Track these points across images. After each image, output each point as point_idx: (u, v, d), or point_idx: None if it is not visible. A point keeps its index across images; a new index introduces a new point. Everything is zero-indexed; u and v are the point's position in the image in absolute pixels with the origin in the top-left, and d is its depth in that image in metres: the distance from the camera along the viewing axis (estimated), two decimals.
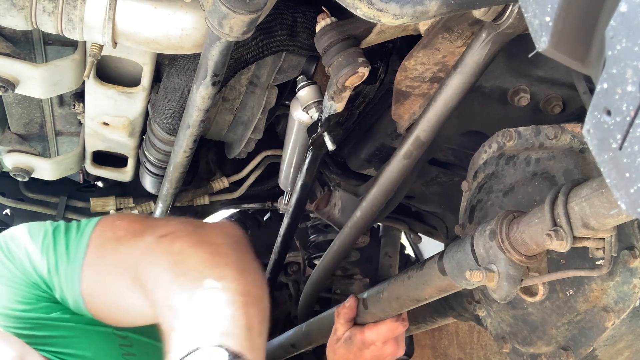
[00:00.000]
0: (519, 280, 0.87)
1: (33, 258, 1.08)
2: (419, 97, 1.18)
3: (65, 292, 1.07)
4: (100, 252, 1.08)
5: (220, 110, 1.55)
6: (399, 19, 0.79)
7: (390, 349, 1.36)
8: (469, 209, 1.16)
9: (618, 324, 0.87)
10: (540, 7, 0.43)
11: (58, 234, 1.11)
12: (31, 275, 1.08)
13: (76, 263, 1.07)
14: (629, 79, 0.37)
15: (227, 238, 1.08)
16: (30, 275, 1.08)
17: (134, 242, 1.06)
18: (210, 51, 1.06)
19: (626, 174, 0.38)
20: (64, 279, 1.07)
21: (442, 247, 1.60)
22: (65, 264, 1.07)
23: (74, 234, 1.11)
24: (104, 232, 1.11)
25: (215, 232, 1.08)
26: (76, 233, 1.11)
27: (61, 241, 1.10)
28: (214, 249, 1.00)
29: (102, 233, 1.11)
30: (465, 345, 2.47)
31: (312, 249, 2.19)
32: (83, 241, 1.09)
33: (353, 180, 1.63)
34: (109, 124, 1.50)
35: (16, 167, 1.66)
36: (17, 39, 1.26)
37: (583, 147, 0.94)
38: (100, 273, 1.07)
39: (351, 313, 1.41)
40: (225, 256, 1.00)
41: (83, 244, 1.08)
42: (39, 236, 1.11)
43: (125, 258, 1.05)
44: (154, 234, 1.04)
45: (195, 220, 1.18)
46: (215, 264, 0.96)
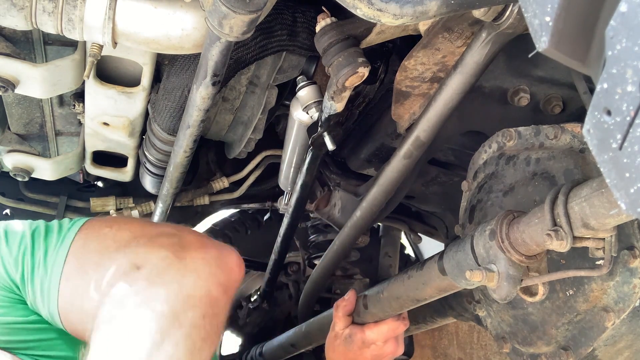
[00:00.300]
0: (519, 280, 0.87)
1: (6, 261, 0.97)
2: (419, 97, 1.18)
3: (40, 304, 0.97)
4: (81, 264, 0.96)
5: (220, 110, 1.55)
6: (399, 19, 0.79)
7: (390, 348, 1.37)
8: (469, 209, 1.16)
9: (618, 324, 0.87)
10: (540, 7, 0.43)
11: (37, 237, 1.00)
12: (4, 279, 0.97)
13: (54, 275, 0.96)
14: (629, 79, 0.37)
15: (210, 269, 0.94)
16: (3, 279, 0.97)
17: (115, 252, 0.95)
18: (210, 51, 1.06)
19: (626, 173, 0.38)
20: (39, 291, 0.96)
21: (442, 247, 1.60)
22: (42, 273, 0.96)
23: (54, 239, 1.00)
24: (88, 242, 0.99)
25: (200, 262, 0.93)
26: (57, 238, 1.00)
27: (40, 246, 0.98)
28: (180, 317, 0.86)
29: (85, 243, 0.99)
30: (465, 345, 2.47)
31: (312, 249, 2.19)
32: (63, 249, 0.97)
33: (353, 180, 1.63)
34: (109, 124, 1.50)
35: (16, 167, 1.65)
36: (17, 39, 1.26)
37: (583, 147, 0.94)
38: (78, 289, 0.95)
39: (350, 306, 1.41)
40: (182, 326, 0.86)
41: (62, 253, 0.97)
42: (16, 238, 0.99)
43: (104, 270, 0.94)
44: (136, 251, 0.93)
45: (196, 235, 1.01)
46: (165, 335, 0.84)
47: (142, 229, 1.02)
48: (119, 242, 0.97)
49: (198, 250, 0.94)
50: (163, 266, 0.90)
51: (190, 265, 0.91)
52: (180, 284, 0.88)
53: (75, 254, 0.97)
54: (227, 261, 0.97)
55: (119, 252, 0.95)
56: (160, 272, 0.89)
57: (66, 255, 0.96)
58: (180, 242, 0.95)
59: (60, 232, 1.01)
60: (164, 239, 0.96)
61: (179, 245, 0.94)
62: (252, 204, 2.23)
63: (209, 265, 0.92)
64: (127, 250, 0.94)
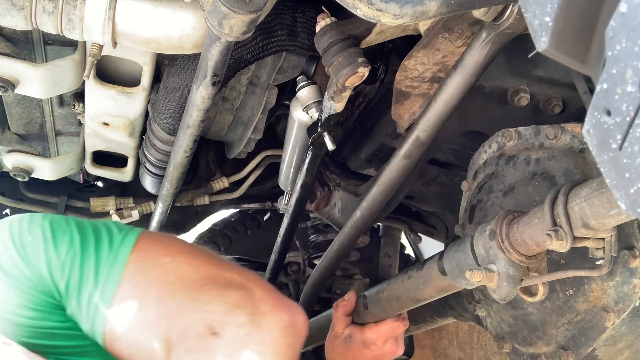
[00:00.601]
0: (519, 280, 0.86)
1: (53, 266, 0.92)
2: (419, 97, 1.18)
3: (83, 318, 0.92)
4: (140, 296, 0.91)
5: (220, 110, 1.55)
6: (399, 19, 0.79)
7: (390, 348, 1.37)
8: (469, 209, 1.16)
9: (618, 323, 0.87)
10: (540, 7, 0.43)
11: (87, 244, 0.94)
12: (46, 283, 0.92)
13: (105, 296, 0.91)
14: (628, 79, 0.37)
15: (285, 339, 0.93)
16: (46, 283, 0.92)
17: (186, 300, 0.91)
18: (210, 51, 1.06)
19: (626, 174, 0.38)
20: (85, 306, 0.92)
21: (442, 247, 1.60)
22: (90, 289, 0.91)
23: (105, 250, 0.94)
24: (146, 269, 0.94)
25: (276, 333, 0.92)
26: (109, 250, 0.94)
27: (90, 257, 0.93)
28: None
29: (143, 269, 0.94)
30: (465, 345, 2.47)
31: (312, 249, 2.19)
32: (117, 268, 0.92)
33: (353, 180, 1.63)
34: (109, 124, 1.50)
35: (16, 167, 1.65)
36: (17, 39, 1.26)
37: (583, 147, 0.94)
38: (134, 324, 0.91)
39: (349, 306, 1.41)
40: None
41: (116, 273, 0.92)
42: (64, 241, 0.93)
43: (170, 318, 0.90)
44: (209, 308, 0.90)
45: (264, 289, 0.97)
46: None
47: (205, 267, 0.97)
48: (183, 280, 0.93)
49: (273, 316, 0.93)
50: (242, 336, 0.89)
51: (268, 337, 0.90)
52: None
53: (131, 279, 0.92)
54: (299, 327, 0.96)
55: (189, 302, 0.91)
56: (240, 346, 0.88)
57: (120, 278, 0.92)
58: (252, 301, 0.93)
59: (112, 243, 0.95)
60: (234, 292, 0.93)
61: (252, 305, 0.92)
62: (252, 204, 2.23)
63: (285, 336, 0.92)
64: (198, 304, 0.91)
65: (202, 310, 0.90)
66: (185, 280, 0.93)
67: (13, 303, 0.92)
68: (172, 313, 0.91)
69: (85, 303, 0.92)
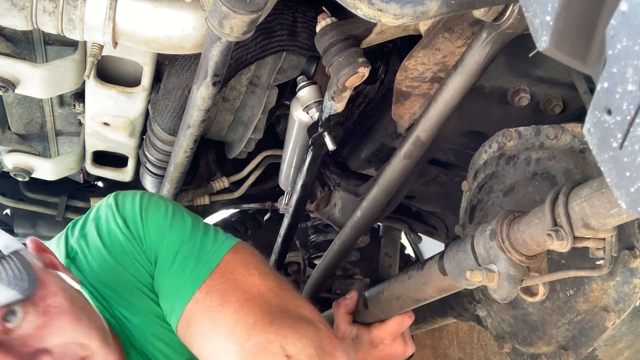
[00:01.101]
0: (519, 280, 0.86)
1: (164, 237, 1.07)
2: (420, 97, 1.18)
3: (165, 296, 1.05)
4: (223, 288, 1.02)
5: (220, 110, 1.55)
6: (399, 19, 0.79)
7: (399, 347, 1.35)
8: (469, 209, 1.16)
9: (618, 323, 0.87)
10: (540, 6, 0.43)
11: (196, 231, 1.09)
12: (151, 247, 1.08)
13: (195, 280, 1.03)
14: (629, 78, 0.37)
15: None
16: (151, 246, 1.08)
17: (262, 319, 1.00)
18: (210, 51, 1.06)
19: (626, 173, 0.38)
20: (172, 285, 1.03)
21: (442, 247, 1.60)
22: (189, 268, 1.04)
23: (210, 243, 1.08)
24: (237, 268, 1.06)
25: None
26: (212, 244, 1.08)
27: (195, 243, 1.07)
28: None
29: (235, 268, 1.05)
30: (466, 345, 2.47)
31: (313, 249, 2.19)
32: (214, 259, 1.05)
33: (353, 180, 1.63)
34: (109, 124, 1.50)
35: (16, 167, 1.66)
36: (17, 39, 1.26)
37: (583, 147, 0.94)
38: (211, 314, 1.01)
39: (352, 305, 1.40)
40: None
41: (212, 263, 1.04)
42: (178, 222, 1.09)
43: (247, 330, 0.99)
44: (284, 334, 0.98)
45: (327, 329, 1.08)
46: None
47: (283, 295, 1.08)
48: (263, 300, 1.03)
49: (335, 353, 1.02)
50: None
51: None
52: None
53: (222, 274, 1.03)
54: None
55: (266, 322, 0.99)
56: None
57: (213, 269, 1.03)
58: (319, 337, 1.02)
59: (216, 238, 1.10)
60: (305, 325, 1.03)
61: (319, 341, 1.01)
62: (253, 204, 2.23)
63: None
64: (274, 327, 0.99)
65: (279, 334, 0.98)
66: (264, 300, 1.03)
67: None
68: (250, 325, 0.99)
69: (174, 281, 1.03)
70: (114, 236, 1.09)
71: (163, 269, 1.05)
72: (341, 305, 1.41)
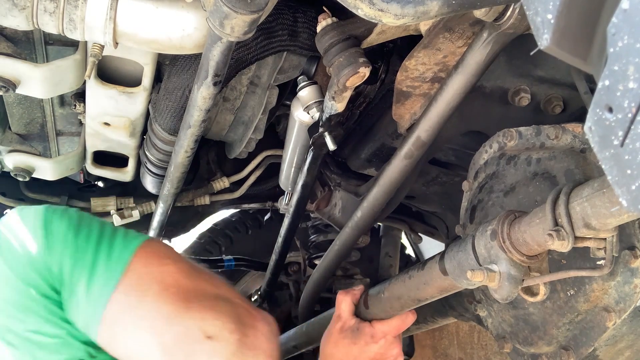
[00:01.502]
0: (520, 280, 0.86)
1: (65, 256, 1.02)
2: (420, 97, 1.18)
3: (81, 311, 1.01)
4: (139, 285, 1.01)
5: (221, 110, 1.55)
6: (400, 19, 0.79)
7: (397, 348, 1.34)
8: (470, 209, 1.16)
9: (619, 323, 0.87)
10: (542, 5, 0.43)
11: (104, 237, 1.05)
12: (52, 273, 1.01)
13: (108, 283, 1.00)
14: (630, 75, 0.37)
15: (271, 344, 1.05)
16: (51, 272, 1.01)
17: (179, 307, 1.00)
18: (211, 51, 1.06)
19: (627, 170, 0.38)
20: (86, 296, 1.00)
21: (443, 247, 1.60)
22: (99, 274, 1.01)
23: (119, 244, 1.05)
24: (150, 262, 1.05)
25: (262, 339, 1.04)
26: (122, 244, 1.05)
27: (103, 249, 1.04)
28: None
29: (147, 262, 1.04)
30: (466, 345, 2.47)
31: (313, 249, 2.19)
32: (124, 257, 1.03)
33: (354, 180, 1.63)
34: (109, 124, 1.50)
35: (17, 167, 1.66)
36: (18, 39, 1.26)
37: (584, 147, 0.94)
38: (130, 312, 1.00)
39: (358, 296, 1.38)
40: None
41: (123, 262, 1.02)
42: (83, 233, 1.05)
43: (166, 320, 0.99)
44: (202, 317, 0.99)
45: (244, 304, 1.09)
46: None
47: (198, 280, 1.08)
48: (179, 287, 1.03)
49: (256, 325, 1.04)
50: (235, 341, 0.99)
51: (255, 341, 1.02)
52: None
53: (136, 271, 1.02)
54: (275, 331, 1.09)
55: (183, 309, 1.00)
56: (235, 349, 0.98)
57: (126, 268, 1.01)
58: (237, 312, 1.04)
59: (126, 237, 1.07)
60: (222, 304, 1.04)
61: (238, 316, 1.03)
62: (253, 204, 2.23)
63: (267, 341, 1.04)
64: (192, 312, 1.00)
65: (196, 318, 0.99)
66: (180, 288, 1.03)
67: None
68: (168, 316, 1.00)
69: (86, 290, 1.00)
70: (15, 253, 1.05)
71: (73, 284, 1.02)
72: (347, 294, 1.39)
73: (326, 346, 1.37)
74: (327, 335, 1.38)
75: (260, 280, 2.47)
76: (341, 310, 1.38)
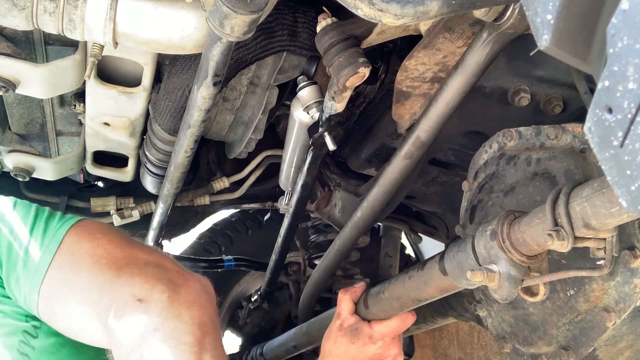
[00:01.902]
0: (520, 280, 0.86)
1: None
2: (420, 97, 1.18)
3: (21, 285, 1.07)
4: (72, 259, 1.08)
5: (220, 110, 1.55)
6: (400, 19, 0.79)
7: (396, 349, 1.34)
8: (470, 209, 1.16)
9: (619, 324, 0.87)
10: (542, 5, 0.43)
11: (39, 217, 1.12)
12: None
13: (44, 259, 1.06)
14: (630, 76, 0.37)
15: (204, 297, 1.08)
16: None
17: (110, 276, 1.05)
18: (211, 51, 1.06)
19: (627, 171, 0.38)
20: (24, 271, 1.07)
21: (443, 247, 1.60)
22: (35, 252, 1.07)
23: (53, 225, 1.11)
24: (81, 237, 1.11)
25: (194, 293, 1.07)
26: (56, 224, 1.11)
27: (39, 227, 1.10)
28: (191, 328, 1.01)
29: (79, 238, 1.10)
30: (466, 345, 2.47)
31: (313, 249, 2.19)
32: (58, 236, 1.09)
33: (353, 180, 1.63)
34: (109, 124, 1.50)
35: (17, 167, 1.65)
36: (18, 39, 1.26)
37: (584, 147, 0.94)
38: (67, 284, 1.06)
39: (359, 294, 1.39)
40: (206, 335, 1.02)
41: (57, 239, 1.08)
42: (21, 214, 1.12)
43: (99, 290, 1.05)
44: (132, 282, 1.03)
45: (176, 267, 1.13)
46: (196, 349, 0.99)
47: (129, 248, 1.13)
48: (110, 257, 1.08)
49: (187, 283, 1.07)
50: (166, 299, 1.01)
51: (187, 296, 1.04)
52: (190, 316, 1.01)
53: (69, 247, 1.08)
54: (209, 289, 1.12)
55: (114, 277, 1.05)
56: (167, 306, 1.01)
57: (59, 245, 1.08)
58: (168, 274, 1.07)
59: (62, 219, 1.13)
60: (152, 268, 1.08)
61: (168, 277, 1.06)
62: (253, 204, 2.23)
63: (199, 294, 1.07)
64: (122, 278, 1.05)
65: (126, 283, 1.04)
66: (110, 257, 1.08)
67: None
68: (100, 286, 1.05)
69: (24, 268, 1.06)
70: None
71: (11, 262, 1.08)
72: (348, 292, 1.40)
73: (326, 343, 1.39)
74: (328, 333, 1.40)
75: (260, 280, 2.47)
76: (341, 309, 1.39)
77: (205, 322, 1.03)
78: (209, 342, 1.02)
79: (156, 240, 1.90)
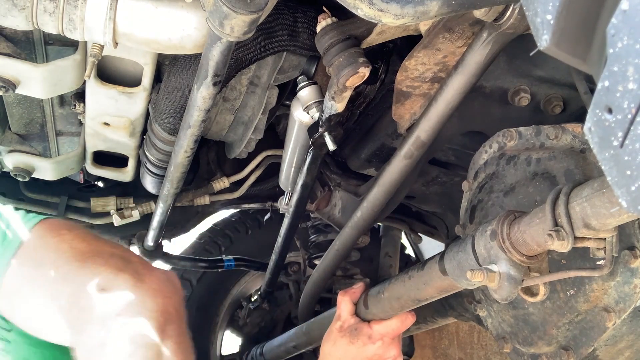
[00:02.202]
0: (520, 280, 0.86)
1: None
2: (420, 97, 1.18)
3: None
4: (36, 254, 1.08)
5: (220, 110, 1.55)
6: (400, 19, 0.79)
7: (395, 349, 1.33)
8: (470, 209, 1.16)
9: (619, 324, 0.87)
10: (542, 5, 0.43)
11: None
12: None
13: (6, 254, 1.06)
14: (630, 76, 0.37)
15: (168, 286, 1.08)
16: None
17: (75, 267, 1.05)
18: (211, 51, 1.06)
19: (627, 171, 0.38)
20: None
21: (443, 247, 1.60)
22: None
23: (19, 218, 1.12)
24: (46, 234, 1.11)
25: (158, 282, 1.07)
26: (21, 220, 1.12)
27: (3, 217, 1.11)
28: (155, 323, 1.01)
29: (43, 234, 1.11)
30: (466, 345, 2.47)
31: (313, 249, 2.19)
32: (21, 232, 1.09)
33: (353, 180, 1.63)
34: (109, 124, 1.50)
35: (17, 167, 1.65)
36: (18, 39, 1.26)
37: (584, 147, 0.94)
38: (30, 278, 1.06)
39: (358, 294, 1.39)
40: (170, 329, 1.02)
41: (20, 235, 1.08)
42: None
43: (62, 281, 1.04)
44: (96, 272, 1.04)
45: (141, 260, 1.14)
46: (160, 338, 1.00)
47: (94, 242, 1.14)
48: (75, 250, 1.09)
49: (152, 274, 1.08)
50: (130, 288, 1.02)
51: (151, 284, 1.05)
52: (154, 303, 1.02)
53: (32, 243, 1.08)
54: (175, 280, 1.13)
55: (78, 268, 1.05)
56: (130, 293, 1.02)
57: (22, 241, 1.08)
58: (133, 267, 1.08)
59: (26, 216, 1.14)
60: (117, 261, 1.08)
61: (133, 269, 1.07)
62: (253, 204, 2.23)
63: (163, 283, 1.08)
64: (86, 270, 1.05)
65: (90, 274, 1.04)
66: (75, 251, 1.08)
67: None
68: (63, 278, 1.05)
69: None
70: None
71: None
72: (347, 293, 1.40)
73: (325, 345, 1.39)
74: (327, 334, 1.40)
75: (260, 280, 2.47)
76: (341, 311, 1.39)
77: (168, 311, 1.03)
78: (172, 329, 1.02)
79: (156, 240, 1.90)
